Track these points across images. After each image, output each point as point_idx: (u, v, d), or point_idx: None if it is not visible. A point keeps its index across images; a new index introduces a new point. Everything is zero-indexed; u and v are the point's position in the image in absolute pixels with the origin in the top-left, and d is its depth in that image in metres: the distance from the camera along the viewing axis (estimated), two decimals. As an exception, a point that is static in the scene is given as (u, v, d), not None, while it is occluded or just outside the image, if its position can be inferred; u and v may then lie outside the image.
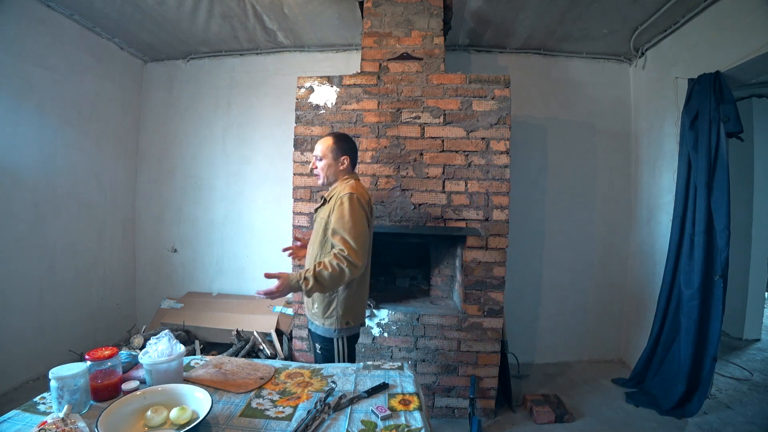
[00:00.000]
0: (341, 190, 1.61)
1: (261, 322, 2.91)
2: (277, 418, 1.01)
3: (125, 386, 1.06)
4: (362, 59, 2.45)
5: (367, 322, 2.38)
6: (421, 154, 2.35)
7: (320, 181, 1.73)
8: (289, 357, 2.70)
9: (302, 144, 2.41)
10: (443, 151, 2.34)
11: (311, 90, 2.41)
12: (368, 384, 1.19)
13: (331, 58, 3.34)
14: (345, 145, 1.70)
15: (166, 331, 1.22)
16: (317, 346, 1.69)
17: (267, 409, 1.06)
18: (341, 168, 1.69)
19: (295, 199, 2.41)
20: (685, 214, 2.48)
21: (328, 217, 1.59)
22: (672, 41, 2.76)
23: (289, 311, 2.99)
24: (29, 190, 2.61)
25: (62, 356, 2.75)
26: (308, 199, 2.40)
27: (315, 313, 1.67)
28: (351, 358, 1.68)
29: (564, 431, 2.27)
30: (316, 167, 1.71)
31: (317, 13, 2.77)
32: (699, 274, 2.34)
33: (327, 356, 1.66)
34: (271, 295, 1.48)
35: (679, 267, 2.52)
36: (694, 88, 2.42)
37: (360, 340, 2.40)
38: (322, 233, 1.62)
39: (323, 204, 1.69)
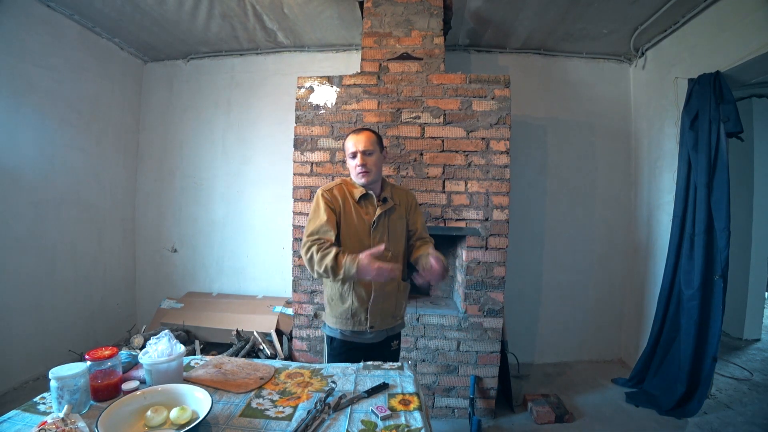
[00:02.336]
0: (403, 192, 1.67)
1: (261, 322, 2.91)
2: (277, 418, 1.01)
3: (125, 386, 1.06)
4: (362, 59, 2.45)
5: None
6: (421, 154, 2.35)
7: (369, 179, 1.51)
8: (289, 357, 2.70)
9: (302, 144, 2.41)
10: (443, 151, 2.34)
11: (311, 90, 2.41)
12: (368, 384, 1.19)
13: (331, 58, 3.33)
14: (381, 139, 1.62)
15: (166, 331, 1.22)
16: (395, 342, 1.70)
17: (267, 409, 1.06)
18: (382, 163, 1.61)
19: (295, 199, 2.41)
20: (685, 214, 2.48)
21: (406, 217, 1.64)
22: (672, 41, 2.76)
23: (289, 311, 2.99)
24: (29, 190, 2.61)
25: (62, 356, 2.75)
26: (308, 199, 2.40)
27: (402, 314, 1.69)
28: None
29: (564, 431, 2.28)
30: (365, 163, 1.49)
31: (317, 13, 2.77)
32: (699, 274, 2.34)
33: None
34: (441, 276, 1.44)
35: (679, 267, 2.52)
36: (694, 88, 2.42)
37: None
38: (406, 233, 1.65)
39: (385, 203, 1.56)
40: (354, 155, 1.50)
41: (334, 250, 1.37)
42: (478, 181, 2.33)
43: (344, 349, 1.58)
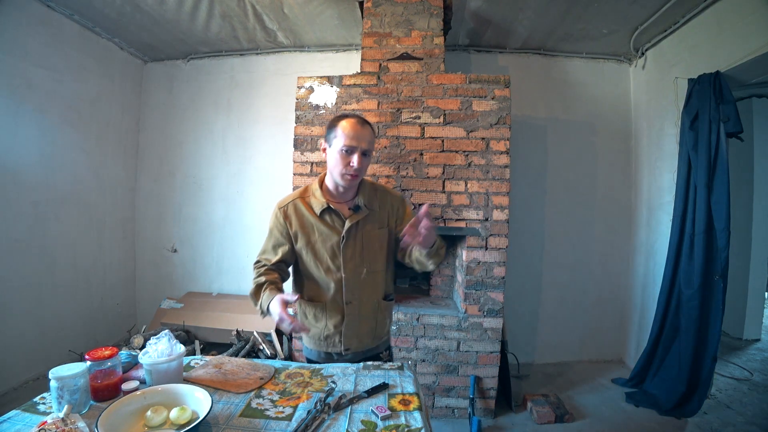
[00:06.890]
0: (385, 194, 1.41)
1: (261, 322, 2.90)
2: (277, 418, 1.01)
3: (125, 386, 1.05)
4: (362, 59, 2.45)
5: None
6: (421, 154, 2.35)
7: (355, 183, 1.32)
8: (289, 357, 2.70)
9: (302, 144, 2.41)
10: (443, 151, 2.34)
11: (311, 90, 2.41)
12: (368, 384, 1.19)
13: (331, 58, 3.33)
14: None
15: (166, 331, 1.22)
16: (385, 352, 1.51)
17: (267, 409, 1.06)
18: None
19: (295, 199, 2.41)
20: (685, 214, 2.48)
21: (390, 226, 1.40)
22: (672, 41, 2.76)
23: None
24: (29, 190, 2.61)
25: (62, 356, 2.75)
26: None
27: (384, 333, 1.48)
28: None
29: (564, 431, 2.28)
30: (362, 167, 1.26)
31: (317, 13, 2.77)
32: (699, 274, 2.34)
33: None
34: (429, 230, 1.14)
35: (679, 267, 2.52)
36: (694, 88, 2.42)
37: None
38: (390, 244, 1.40)
39: (356, 212, 1.33)
40: (351, 151, 1.23)
41: (262, 279, 1.29)
42: (478, 181, 2.33)
43: None
